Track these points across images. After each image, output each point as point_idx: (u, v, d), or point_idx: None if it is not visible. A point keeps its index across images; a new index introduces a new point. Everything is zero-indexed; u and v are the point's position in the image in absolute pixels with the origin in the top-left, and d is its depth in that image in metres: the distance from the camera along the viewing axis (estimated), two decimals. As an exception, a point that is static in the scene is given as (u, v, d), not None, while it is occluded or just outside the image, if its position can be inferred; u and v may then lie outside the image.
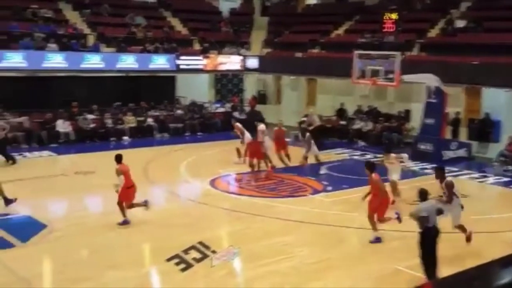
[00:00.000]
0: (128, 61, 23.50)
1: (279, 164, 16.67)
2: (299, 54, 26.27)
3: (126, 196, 10.99)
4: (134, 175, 15.32)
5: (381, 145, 20.59)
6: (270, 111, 26.07)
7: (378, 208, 10.37)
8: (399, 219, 10.40)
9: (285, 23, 29.87)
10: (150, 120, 22.80)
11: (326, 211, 12.52)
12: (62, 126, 20.53)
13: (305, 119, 21.21)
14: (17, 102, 20.76)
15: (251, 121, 20.11)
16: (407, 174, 16.62)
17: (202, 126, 23.82)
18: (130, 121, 22.28)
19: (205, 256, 9.55)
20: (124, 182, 10.88)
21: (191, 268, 9.09)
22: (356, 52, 21.61)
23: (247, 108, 26.07)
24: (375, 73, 20.65)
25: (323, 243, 10.41)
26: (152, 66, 24.23)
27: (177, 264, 9.20)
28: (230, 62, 26.85)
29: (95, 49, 23.26)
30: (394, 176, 12.80)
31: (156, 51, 24.72)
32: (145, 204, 11.35)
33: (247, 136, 16.92)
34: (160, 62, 24.44)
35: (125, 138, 21.72)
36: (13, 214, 11.83)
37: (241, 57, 27.18)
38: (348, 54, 22.11)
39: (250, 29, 30.48)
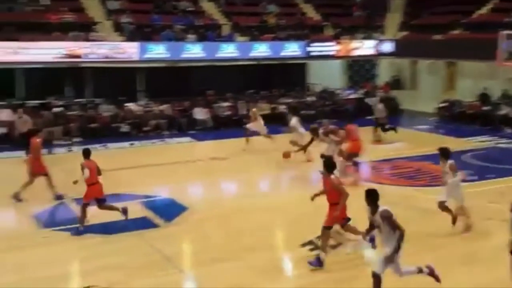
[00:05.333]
0: (261, 49, 23.89)
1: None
2: (438, 36, 24.85)
3: (91, 194, 10.17)
4: (266, 161, 15.81)
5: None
6: (405, 97, 25.07)
7: (338, 217, 8.68)
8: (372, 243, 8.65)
9: (423, 4, 28.37)
10: (282, 107, 22.99)
11: (468, 201, 11.68)
12: (200, 113, 21.47)
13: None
14: (159, 91, 22.16)
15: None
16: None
17: (333, 113, 23.49)
18: (263, 108, 22.62)
19: (338, 244, 9.42)
20: (88, 179, 10.04)
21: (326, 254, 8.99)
22: (503, 32, 19.98)
23: (381, 94, 25.29)
24: (524, 54, 19.01)
25: (463, 235, 9.77)
26: (283, 53, 24.39)
27: (312, 250, 9.16)
28: (363, 47, 26.17)
29: (229, 39, 23.96)
30: (442, 196, 10.02)
31: (287, 39, 24.83)
32: (123, 211, 10.39)
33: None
34: (291, 49, 24.51)
35: (259, 125, 22.09)
36: (157, 196, 12.62)
37: (375, 42, 26.36)
38: (493, 34, 20.60)
39: (384, 12, 29.40)
